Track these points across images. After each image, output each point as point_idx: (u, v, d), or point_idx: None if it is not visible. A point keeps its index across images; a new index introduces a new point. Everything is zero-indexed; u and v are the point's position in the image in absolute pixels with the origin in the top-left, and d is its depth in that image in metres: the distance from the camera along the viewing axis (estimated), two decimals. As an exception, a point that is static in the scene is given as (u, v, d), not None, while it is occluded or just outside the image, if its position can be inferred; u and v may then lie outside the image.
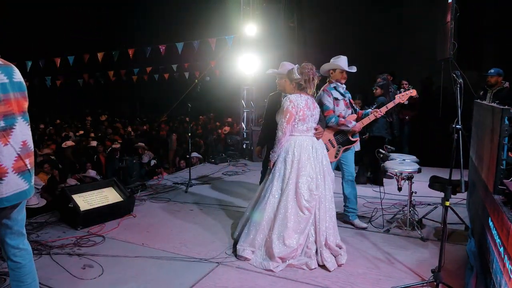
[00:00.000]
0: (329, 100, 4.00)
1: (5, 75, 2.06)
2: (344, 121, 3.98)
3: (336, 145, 4.05)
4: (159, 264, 3.28)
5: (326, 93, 4.05)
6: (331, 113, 3.98)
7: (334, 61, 4.14)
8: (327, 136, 3.99)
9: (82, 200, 4.18)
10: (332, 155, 4.03)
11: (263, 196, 3.37)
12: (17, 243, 2.21)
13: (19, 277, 2.21)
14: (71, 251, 3.49)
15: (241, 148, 8.85)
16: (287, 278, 3.04)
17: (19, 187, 2.10)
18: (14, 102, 2.09)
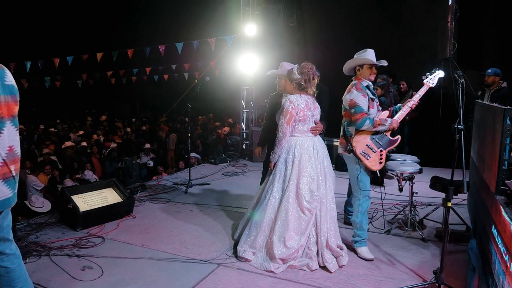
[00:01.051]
0: (364, 101, 3.35)
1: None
2: (380, 120, 3.38)
3: (377, 149, 3.39)
4: (159, 265, 3.26)
5: (360, 92, 3.36)
6: (365, 115, 3.32)
7: (360, 55, 3.52)
8: (363, 142, 3.38)
9: (82, 201, 4.16)
10: (376, 161, 3.38)
11: (264, 197, 3.35)
12: (3, 248, 2.16)
13: (9, 282, 2.17)
14: (71, 252, 3.47)
15: (241, 148, 8.83)
16: (288, 279, 3.02)
17: (3, 195, 2.04)
18: (4, 105, 2.03)
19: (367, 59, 3.47)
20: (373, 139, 3.42)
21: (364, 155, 3.36)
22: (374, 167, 3.37)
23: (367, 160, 3.35)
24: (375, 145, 3.41)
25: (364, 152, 3.38)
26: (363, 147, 3.37)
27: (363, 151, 3.38)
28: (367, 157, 3.35)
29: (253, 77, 8.68)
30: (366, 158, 3.35)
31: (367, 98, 3.37)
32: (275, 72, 3.86)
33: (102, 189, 4.45)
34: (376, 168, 3.38)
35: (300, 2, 9.21)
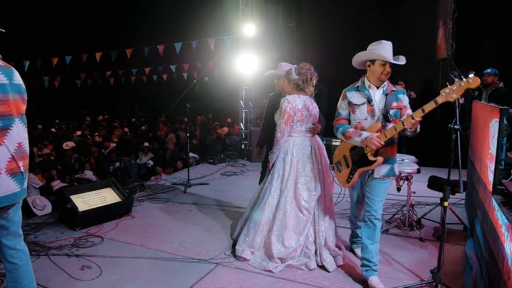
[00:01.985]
0: (341, 104, 3.03)
1: (5, 76, 2.07)
2: (352, 132, 2.85)
3: (351, 165, 2.95)
4: (158, 264, 3.27)
5: (341, 95, 3.04)
6: (340, 121, 2.99)
7: (373, 48, 2.92)
8: (342, 153, 3.05)
9: (81, 200, 4.17)
10: (344, 178, 3.01)
11: (262, 196, 3.37)
12: (14, 244, 2.20)
13: (16, 279, 2.20)
14: (70, 252, 3.48)
15: (239, 148, 8.85)
16: (286, 278, 3.03)
17: (10, 189, 2.08)
18: (13, 103, 2.09)
19: (380, 54, 2.81)
20: (351, 153, 2.98)
21: (337, 166, 3.09)
22: (340, 182, 3.06)
23: (338, 173, 3.08)
24: (350, 160, 2.98)
25: (338, 163, 3.08)
26: (340, 157, 3.08)
27: (338, 162, 3.08)
28: (339, 170, 3.07)
29: (252, 77, 8.69)
30: (338, 170, 3.08)
31: (346, 102, 2.97)
32: (274, 73, 3.88)
33: (101, 189, 4.46)
34: (341, 184, 3.05)
35: (299, 2, 9.24)
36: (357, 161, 2.92)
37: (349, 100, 2.97)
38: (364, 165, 2.87)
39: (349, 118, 2.98)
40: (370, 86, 2.93)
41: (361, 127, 2.90)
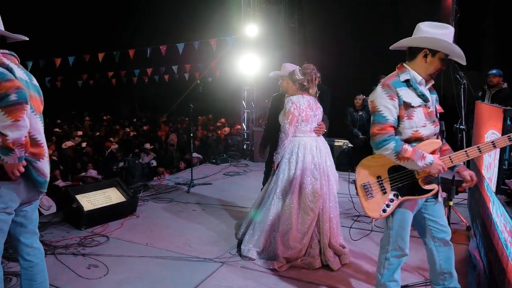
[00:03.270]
0: (387, 104, 2.13)
1: (26, 75, 2.17)
2: (412, 152, 2.09)
3: (390, 192, 2.21)
4: (163, 264, 3.30)
5: (386, 91, 2.14)
6: (387, 130, 2.11)
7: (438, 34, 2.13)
8: (376, 171, 2.24)
9: (86, 200, 4.20)
10: (377, 208, 2.23)
11: (268, 197, 3.39)
12: (31, 242, 2.25)
13: (31, 276, 2.24)
14: (76, 251, 3.51)
15: (242, 148, 8.88)
16: (292, 277, 3.06)
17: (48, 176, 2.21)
18: (35, 100, 2.16)
19: (449, 46, 2.13)
20: (392, 175, 2.22)
21: (366, 189, 2.26)
22: (369, 212, 2.27)
23: (366, 199, 2.27)
24: (389, 184, 2.22)
25: (368, 186, 2.26)
26: (371, 178, 2.26)
27: (368, 184, 2.26)
28: (369, 195, 2.25)
29: (254, 78, 8.71)
30: (367, 195, 2.26)
31: (397, 102, 2.13)
32: (278, 74, 3.89)
33: (105, 188, 4.49)
34: (371, 215, 2.28)
35: (301, 2, 9.26)
36: (401, 187, 2.21)
37: (403, 100, 2.14)
38: (413, 194, 2.21)
39: (398, 125, 2.17)
40: (421, 81, 2.22)
41: (418, 137, 2.17)
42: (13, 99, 1.85)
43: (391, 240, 2.32)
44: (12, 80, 1.90)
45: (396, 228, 2.29)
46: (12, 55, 2.13)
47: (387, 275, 2.38)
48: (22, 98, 1.88)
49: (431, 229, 2.38)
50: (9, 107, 1.84)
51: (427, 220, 2.38)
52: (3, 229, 2.09)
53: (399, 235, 2.29)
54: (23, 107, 1.88)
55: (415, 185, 2.20)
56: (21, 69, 2.15)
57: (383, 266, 2.39)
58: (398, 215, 2.28)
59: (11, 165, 1.94)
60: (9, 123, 1.85)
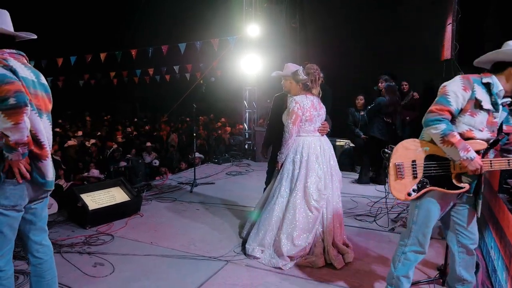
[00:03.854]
0: (458, 92, 2.15)
1: (34, 75, 2.19)
2: (457, 140, 2.12)
3: (420, 178, 2.26)
4: (169, 262, 3.33)
5: (463, 82, 2.16)
6: (445, 113, 2.15)
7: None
8: (413, 155, 2.28)
9: (90, 199, 4.23)
10: (404, 187, 2.28)
11: (272, 196, 3.42)
12: (40, 239, 2.28)
13: (40, 273, 2.27)
14: (81, 250, 3.53)
15: (243, 148, 8.91)
16: (296, 276, 3.09)
17: (52, 176, 2.24)
18: (42, 100, 2.19)
19: None
20: (427, 162, 2.26)
21: (398, 169, 2.28)
22: (395, 192, 2.29)
23: (396, 179, 2.28)
24: (422, 170, 2.26)
25: (401, 167, 2.27)
26: (406, 159, 2.28)
27: (401, 164, 2.28)
28: (400, 175, 2.27)
29: (256, 78, 8.74)
30: (398, 175, 2.28)
31: (468, 95, 2.14)
32: (281, 74, 3.91)
33: (109, 188, 4.52)
34: (395, 195, 2.30)
35: (302, 2, 9.29)
36: (432, 176, 2.24)
37: (475, 96, 2.14)
38: (442, 186, 2.23)
39: (456, 116, 2.19)
40: (500, 92, 2.18)
41: (470, 137, 2.18)
42: (12, 103, 1.89)
43: (412, 234, 2.36)
44: (12, 82, 1.92)
45: (419, 223, 2.33)
46: (20, 54, 2.16)
47: (401, 270, 2.41)
48: (21, 102, 1.91)
49: (457, 233, 2.40)
50: (9, 110, 1.89)
51: (456, 224, 2.40)
52: (13, 226, 2.12)
53: (422, 231, 2.33)
54: (23, 110, 1.91)
55: (447, 179, 2.23)
56: (28, 68, 2.17)
57: (399, 259, 2.43)
58: (424, 211, 2.31)
59: (16, 162, 1.99)
60: (9, 126, 1.90)
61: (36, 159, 2.10)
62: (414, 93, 7.07)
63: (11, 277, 2.15)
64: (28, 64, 2.20)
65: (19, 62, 2.11)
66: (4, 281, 2.10)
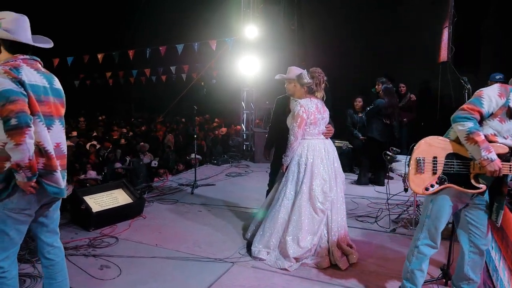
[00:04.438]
0: (493, 97, 2.24)
1: (46, 80, 2.19)
2: (481, 139, 2.20)
3: (440, 174, 2.34)
4: (174, 264, 3.35)
5: (500, 90, 2.25)
6: (475, 113, 2.24)
7: None
8: (435, 151, 2.37)
9: (93, 201, 4.23)
10: (422, 181, 2.36)
11: (277, 198, 3.46)
12: (52, 241, 2.31)
13: (52, 275, 2.30)
14: (86, 252, 3.54)
15: (242, 149, 8.94)
16: (302, 277, 3.14)
17: None
18: (53, 105, 2.20)
19: None
20: (448, 159, 2.35)
21: (419, 164, 2.36)
22: (413, 186, 2.39)
23: (415, 173, 2.37)
24: (441, 167, 2.34)
25: (422, 162, 2.36)
26: (428, 154, 2.37)
27: (423, 158, 2.36)
28: (420, 170, 2.36)
29: (254, 79, 8.78)
30: (418, 169, 2.36)
31: (502, 102, 2.22)
32: (285, 77, 3.95)
33: (112, 190, 4.52)
34: (413, 188, 2.40)
35: (300, 2, 9.33)
36: (451, 173, 2.32)
37: (508, 104, 2.22)
38: (459, 184, 2.31)
39: (485, 119, 2.27)
40: None
41: (492, 141, 2.27)
42: (13, 124, 1.92)
43: (425, 228, 2.46)
44: (15, 101, 1.94)
45: (432, 218, 2.42)
46: (34, 59, 2.17)
47: (415, 263, 2.51)
48: (23, 123, 1.93)
49: (470, 233, 2.47)
50: (10, 131, 1.92)
51: (469, 224, 2.47)
52: (21, 229, 2.14)
53: (434, 225, 2.43)
54: (23, 131, 1.93)
55: (466, 178, 2.32)
56: (42, 73, 2.17)
57: (413, 253, 2.53)
58: (438, 205, 2.41)
59: (22, 184, 2.01)
60: (11, 146, 1.94)
61: (46, 174, 2.10)
62: (411, 95, 7.15)
63: (15, 277, 2.17)
64: (42, 69, 2.21)
65: (32, 68, 2.12)
66: (9, 281, 2.12)
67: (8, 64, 2.04)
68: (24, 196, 2.07)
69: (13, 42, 2.11)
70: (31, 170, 1.98)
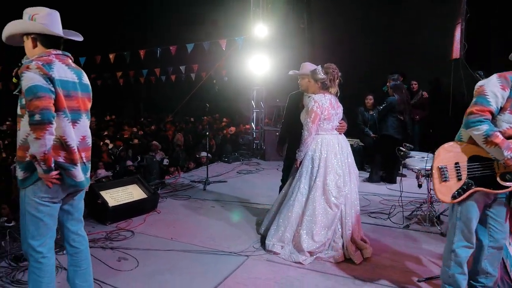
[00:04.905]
0: (496, 91, 2.20)
1: (76, 76, 2.27)
2: (501, 140, 2.17)
3: (465, 179, 2.30)
4: (190, 257, 3.40)
5: (500, 81, 2.22)
6: (486, 113, 2.20)
7: None
8: (456, 157, 2.32)
9: (109, 196, 4.30)
10: (448, 189, 2.31)
11: (291, 193, 3.49)
12: (77, 229, 2.39)
13: (77, 262, 2.37)
14: (104, 245, 3.61)
15: (252, 147, 8.99)
16: (317, 270, 3.16)
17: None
18: (81, 100, 2.28)
19: None
20: (470, 163, 2.30)
21: (442, 172, 2.31)
22: (440, 196, 2.32)
23: (440, 182, 2.32)
24: (466, 172, 2.30)
25: (445, 170, 2.31)
26: (449, 162, 2.32)
27: (445, 167, 2.31)
28: (444, 178, 2.30)
29: (263, 78, 8.82)
30: (442, 178, 2.31)
31: (507, 94, 2.18)
32: (299, 73, 3.98)
33: (127, 185, 4.60)
34: (441, 198, 2.34)
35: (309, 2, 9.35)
36: (477, 176, 2.28)
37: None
38: (487, 186, 2.27)
39: (496, 115, 2.23)
40: None
41: (511, 134, 2.22)
42: (37, 119, 2.01)
43: (457, 231, 2.40)
44: (42, 97, 2.02)
45: (463, 220, 2.35)
46: (65, 55, 2.24)
47: (455, 268, 2.44)
48: (45, 119, 2.02)
49: (490, 227, 2.44)
50: (33, 125, 2.02)
51: (489, 218, 2.43)
52: (53, 214, 2.23)
53: (467, 226, 2.36)
54: (45, 127, 2.02)
55: (492, 179, 2.27)
56: (72, 69, 2.25)
57: (450, 258, 2.45)
58: (467, 206, 2.35)
59: (43, 176, 2.09)
60: (31, 138, 2.03)
61: (66, 167, 2.17)
62: (423, 92, 7.13)
63: (53, 265, 2.25)
64: (73, 65, 2.28)
65: (64, 63, 2.19)
66: (47, 267, 2.19)
67: (41, 59, 2.11)
68: (50, 187, 2.14)
69: (47, 36, 2.18)
70: (46, 164, 2.06)
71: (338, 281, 2.99)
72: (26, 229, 2.17)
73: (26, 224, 2.17)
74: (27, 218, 2.16)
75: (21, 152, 2.15)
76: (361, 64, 7.73)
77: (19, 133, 2.15)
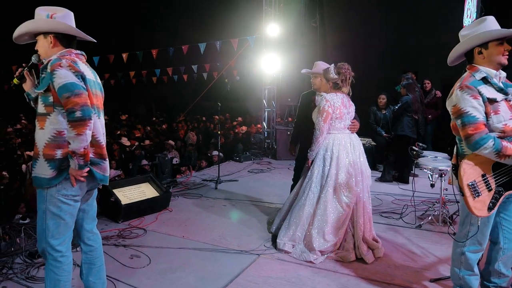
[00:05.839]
0: (473, 104, 2.18)
1: (93, 75, 2.33)
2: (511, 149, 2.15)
3: (495, 188, 2.27)
4: (202, 255, 3.43)
5: (466, 92, 2.20)
6: (482, 128, 2.16)
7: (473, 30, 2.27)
8: (480, 169, 2.26)
9: (122, 194, 4.36)
10: (484, 206, 2.25)
11: (302, 192, 3.49)
12: (91, 227, 2.44)
13: (91, 260, 2.41)
14: (117, 242, 3.67)
15: (263, 146, 8.99)
16: (328, 269, 3.15)
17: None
18: (99, 99, 2.34)
19: (491, 32, 2.20)
20: (495, 172, 2.26)
21: (472, 189, 2.23)
22: (477, 212, 2.23)
23: (474, 199, 2.23)
24: (493, 181, 2.25)
25: (474, 186, 2.24)
26: (476, 177, 2.25)
27: (474, 183, 2.24)
28: (476, 194, 2.23)
29: (275, 77, 8.81)
30: (475, 194, 2.23)
31: (480, 100, 2.18)
32: (311, 72, 3.97)
33: (139, 183, 4.66)
34: (479, 214, 2.24)
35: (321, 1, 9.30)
36: (505, 182, 2.25)
37: (486, 97, 2.19)
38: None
39: (487, 124, 2.21)
40: (495, 76, 2.24)
41: (509, 130, 2.21)
42: (78, 116, 2.04)
43: (470, 235, 2.36)
44: (79, 94, 2.06)
45: (479, 225, 2.31)
46: (82, 54, 2.28)
47: (465, 270, 2.43)
48: (86, 115, 2.06)
49: (504, 228, 2.41)
50: (74, 122, 2.04)
51: (502, 219, 2.40)
52: (73, 213, 2.26)
53: (481, 230, 2.32)
54: (86, 123, 2.06)
55: None
56: (89, 68, 2.30)
57: (460, 260, 2.43)
58: None
59: (74, 171, 2.11)
60: (72, 135, 2.06)
61: (96, 162, 2.23)
62: (436, 91, 7.03)
63: (70, 264, 2.29)
64: (87, 63, 2.32)
65: (83, 63, 2.23)
66: (65, 266, 2.23)
67: (68, 58, 2.14)
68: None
69: (66, 35, 2.21)
70: (84, 159, 2.09)
71: (350, 281, 2.98)
72: (45, 227, 2.18)
73: (46, 222, 2.17)
74: (47, 217, 2.17)
75: (49, 150, 2.13)
76: (373, 63, 7.66)
77: (43, 131, 2.15)
